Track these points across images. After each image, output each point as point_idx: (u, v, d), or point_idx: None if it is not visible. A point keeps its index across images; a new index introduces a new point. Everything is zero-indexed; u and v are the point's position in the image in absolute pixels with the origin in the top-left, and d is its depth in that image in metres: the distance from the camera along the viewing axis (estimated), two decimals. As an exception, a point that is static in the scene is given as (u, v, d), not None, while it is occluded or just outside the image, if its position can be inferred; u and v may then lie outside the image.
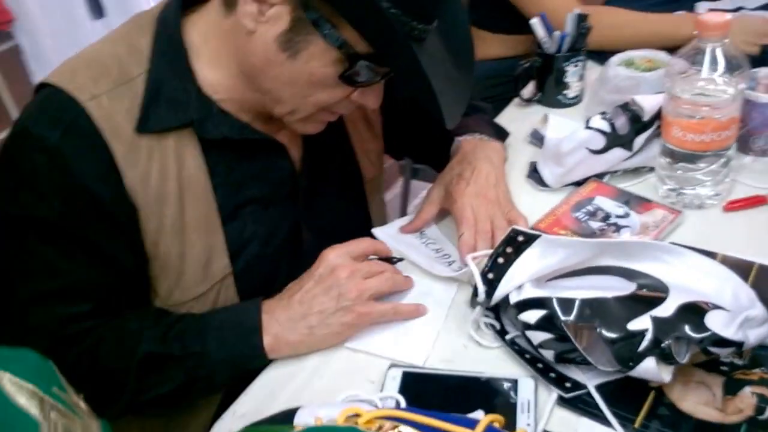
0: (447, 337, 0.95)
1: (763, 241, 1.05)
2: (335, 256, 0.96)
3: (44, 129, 0.86)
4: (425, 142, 1.33)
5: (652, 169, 1.22)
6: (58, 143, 0.85)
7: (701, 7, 1.80)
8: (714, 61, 1.04)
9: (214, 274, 0.99)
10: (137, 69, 0.91)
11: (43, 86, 0.91)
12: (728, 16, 1.03)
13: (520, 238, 0.88)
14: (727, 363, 0.84)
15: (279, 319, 0.93)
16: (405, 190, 2.40)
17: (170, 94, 0.91)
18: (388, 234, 1.15)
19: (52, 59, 1.56)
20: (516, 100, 1.55)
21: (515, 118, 1.47)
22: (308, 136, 1.05)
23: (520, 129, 1.40)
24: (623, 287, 0.85)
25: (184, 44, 0.93)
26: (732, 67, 1.04)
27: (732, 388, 0.82)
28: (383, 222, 1.29)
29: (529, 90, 1.53)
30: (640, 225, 1.08)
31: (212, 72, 0.95)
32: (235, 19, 0.90)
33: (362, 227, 1.22)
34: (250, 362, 0.93)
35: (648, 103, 1.17)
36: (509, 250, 0.88)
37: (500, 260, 0.89)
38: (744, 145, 1.20)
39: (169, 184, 0.92)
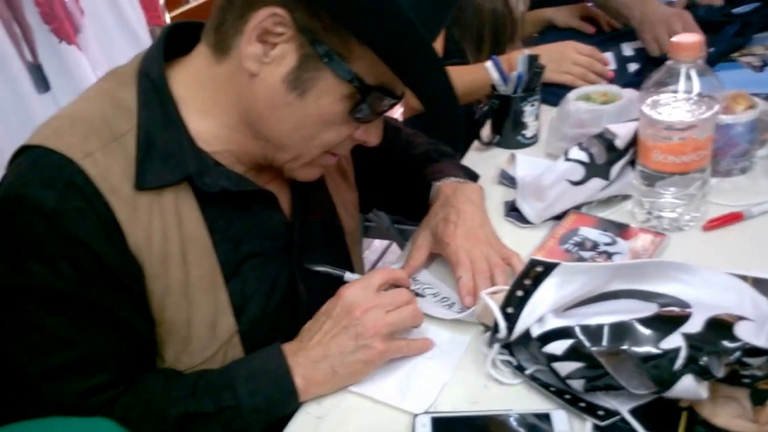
0: (466, 378, 0.91)
1: (748, 255, 1.06)
2: (352, 293, 0.93)
3: (39, 192, 0.79)
4: (399, 191, 1.30)
5: (624, 197, 1.23)
6: (56, 205, 0.79)
7: (626, 49, 1.87)
8: (687, 82, 1.05)
9: (221, 334, 0.93)
10: (126, 125, 0.86)
11: (23, 150, 0.85)
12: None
13: (539, 269, 0.86)
14: (748, 375, 0.83)
15: (302, 362, 0.89)
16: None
17: (163, 149, 0.86)
18: None
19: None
20: (475, 144, 1.54)
21: (477, 161, 1.46)
22: (294, 187, 1.02)
23: (485, 172, 1.39)
24: (644, 309, 0.83)
25: (172, 96, 0.89)
26: (706, 87, 1.05)
27: (758, 398, 0.80)
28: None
29: (485, 133, 1.53)
30: (630, 250, 1.08)
31: (204, 123, 0.90)
32: (230, 66, 0.87)
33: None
34: (284, 407, 0.88)
35: (622, 131, 1.18)
36: (527, 282, 0.86)
37: (519, 293, 0.86)
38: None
39: (172, 244, 0.87)
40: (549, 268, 0.86)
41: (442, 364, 0.93)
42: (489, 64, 1.48)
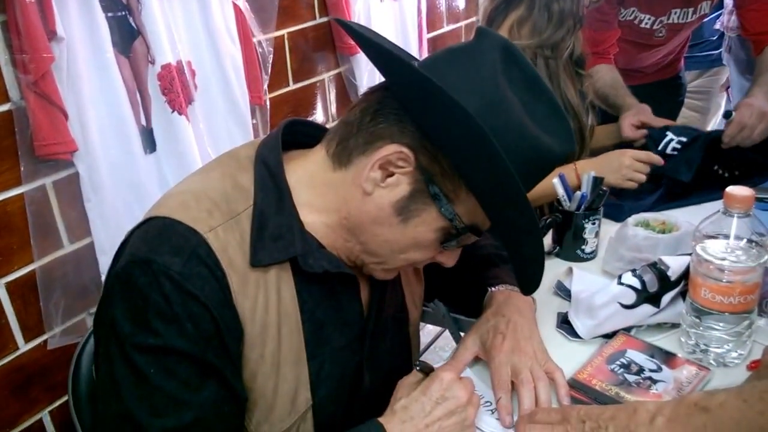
0: None
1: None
2: (451, 381, 0.98)
3: (166, 257, 0.83)
4: (458, 288, 1.33)
5: (674, 326, 1.23)
6: (182, 270, 0.83)
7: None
8: (739, 229, 1.08)
9: (299, 407, 0.97)
10: (243, 205, 0.91)
11: (149, 219, 0.90)
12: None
13: None
14: None
15: None
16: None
17: (274, 230, 0.91)
18: None
19: (107, 187, 1.57)
20: (536, 252, 1.56)
21: (536, 268, 1.48)
22: (373, 282, 1.06)
23: (543, 280, 1.40)
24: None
25: (287, 184, 0.94)
26: (755, 234, 1.07)
27: None
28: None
29: (546, 243, 1.56)
30: (674, 380, 1.08)
31: (310, 216, 0.95)
32: (344, 177, 0.93)
33: (408, 370, 1.21)
34: None
35: (675, 264, 1.20)
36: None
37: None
38: (758, 308, 1.21)
39: (271, 316, 0.91)
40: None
41: None
42: (556, 180, 1.51)
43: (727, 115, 1.90)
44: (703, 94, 3.03)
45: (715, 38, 2.91)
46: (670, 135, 1.88)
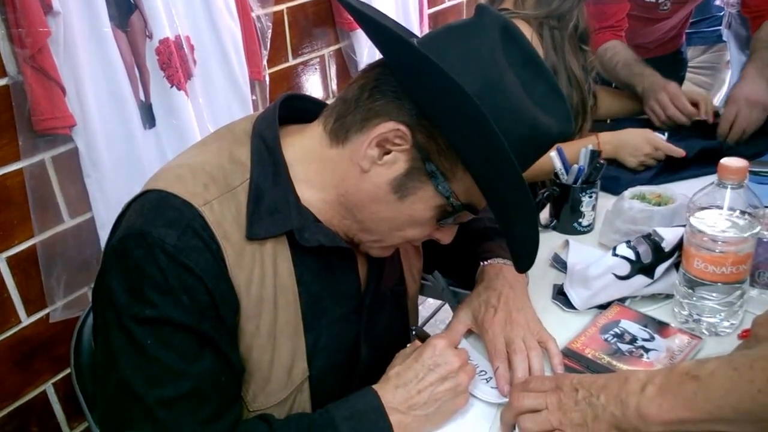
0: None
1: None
2: (444, 348, 1.00)
3: (161, 230, 0.84)
4: (455, 260, 1.35)
5: (667, 296, 1.25)
6: (177, 242, 0.84)
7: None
8: (732, 200, 1.09)
9: (295, 378, 0.98)
10: (239, 179, 0.92)
11: (144, 192, 0.91)
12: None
13: None
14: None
15: (399, 407, 0.95)
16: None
17: (271, 204, 0.92)
18: None
19: (106, 163, 1.59)
20: (533, 225, 1.58)
21: (534, 241, 1.50)
22: (371, 257, 1.07)
23: (540, 252, 1.41)
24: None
25: (284, 158, 0.95)
26: (749, 205, 1.09)
27: None
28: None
29: (544, 216, 1.57)
30: (666, 349, 1.10)
31: (308, 192, 0.96)
32: (342, 153, 0.93)
33: (406, 343, 1.23)
34: None
35: (669, 235, 1.21)
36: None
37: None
38: (751, 278, 1.23)
39: (267, 289, 0.92)
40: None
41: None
42: (554, 153, 1.52)
43: (717, 114, 1.92)
44: (708, 70, 3.03)
45: (720, 14, 2.90)
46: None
